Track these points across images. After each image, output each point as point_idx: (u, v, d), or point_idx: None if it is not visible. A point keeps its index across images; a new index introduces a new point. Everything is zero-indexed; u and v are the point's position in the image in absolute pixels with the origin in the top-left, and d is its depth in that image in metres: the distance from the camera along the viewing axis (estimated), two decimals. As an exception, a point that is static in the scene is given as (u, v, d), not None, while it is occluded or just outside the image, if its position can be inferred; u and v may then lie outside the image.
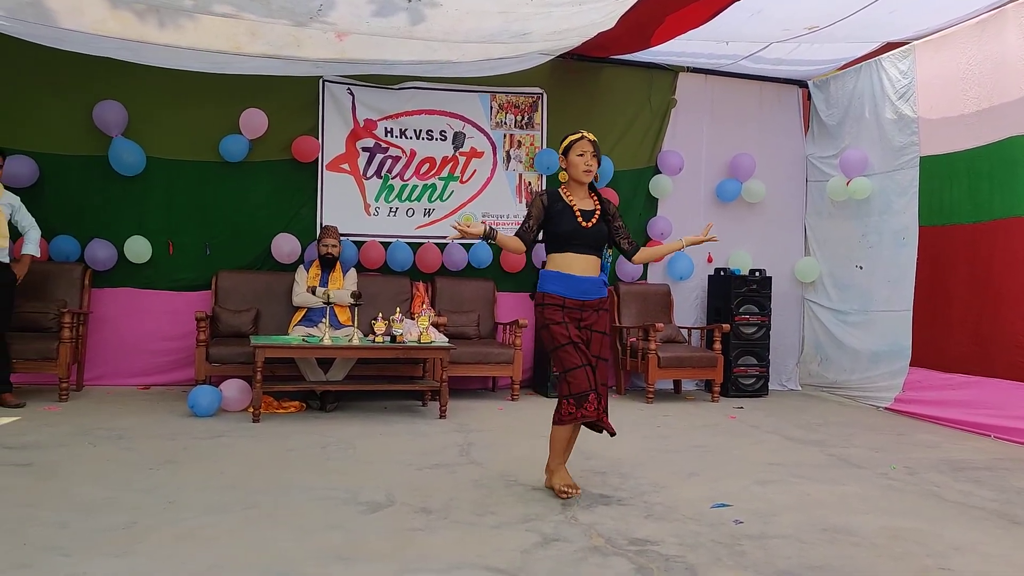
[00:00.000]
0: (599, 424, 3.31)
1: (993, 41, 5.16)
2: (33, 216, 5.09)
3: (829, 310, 6.77)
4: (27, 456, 3.71)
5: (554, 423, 3.32)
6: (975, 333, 5.32)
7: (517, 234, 3.36)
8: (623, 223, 3.48)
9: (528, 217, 3.36)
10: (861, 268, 6.47)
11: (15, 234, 5.04)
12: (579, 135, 3.35)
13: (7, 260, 4.89)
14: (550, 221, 3.32)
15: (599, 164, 3.37)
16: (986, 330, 5.22)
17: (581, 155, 3.31)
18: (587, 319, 3.31)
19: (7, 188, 5.03)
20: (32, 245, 5.05)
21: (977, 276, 5.34)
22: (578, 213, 3.30)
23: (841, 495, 3.50)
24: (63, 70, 5.57)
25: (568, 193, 3.36)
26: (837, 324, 6.66)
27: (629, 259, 3.51)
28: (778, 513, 3.19)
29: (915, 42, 5.81)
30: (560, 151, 3.40)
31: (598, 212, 3.35)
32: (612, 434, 3.37)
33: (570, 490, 3.27)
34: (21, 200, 5.06)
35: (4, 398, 4.83)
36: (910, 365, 5.82)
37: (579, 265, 3.29)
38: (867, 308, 6.37)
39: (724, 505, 3.28)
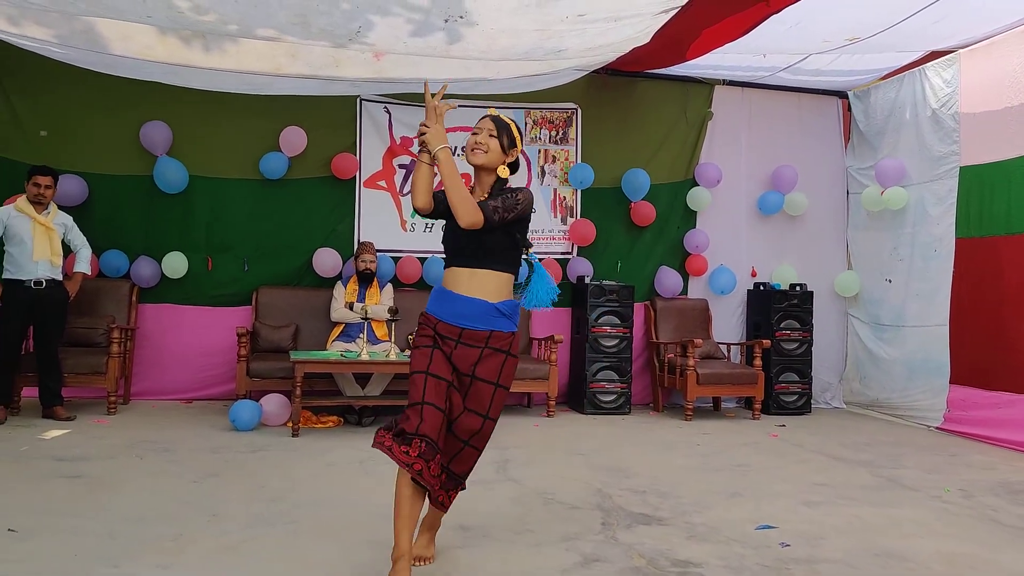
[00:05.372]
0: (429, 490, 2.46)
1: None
2: (84, 234, 5.25)
3: (867, 325, 6.63)
4: (77, 468, 3.82)
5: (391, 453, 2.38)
6: (1018, 350, 5.13)
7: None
8: (503, 201, 2.44)
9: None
10: (890, 281, 6.34)
11: (66, 252, 5.21)
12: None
13: (60, 278, 5.06)
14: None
15: (508, 145, 2.50)
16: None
17: (475, 132, 2.51)
18: (463, 357, 2.46)
19: (59, 208, 5.21)
20: (83, 263, 5.21)
21: (1020, 290, 5.16)
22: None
23: (893, 518, 3.40)
24: (112, 94, 5.76)
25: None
26: (873, 340, 6.52)
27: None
28: (827, 536, 3.10)
29: (960, 51, 5.69)
30: None
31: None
32: (442, 509, 2.67)
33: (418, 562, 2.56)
34: (73, 219, 5.24)
35: (56, 411, 4.97)
36: (950, 383, 5.63)
37: (464, 282, 2.48)
38: (899, 323, 6.22)
39: (769, 527, 3.21)
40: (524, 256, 2.62)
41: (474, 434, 2.51)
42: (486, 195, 2.53)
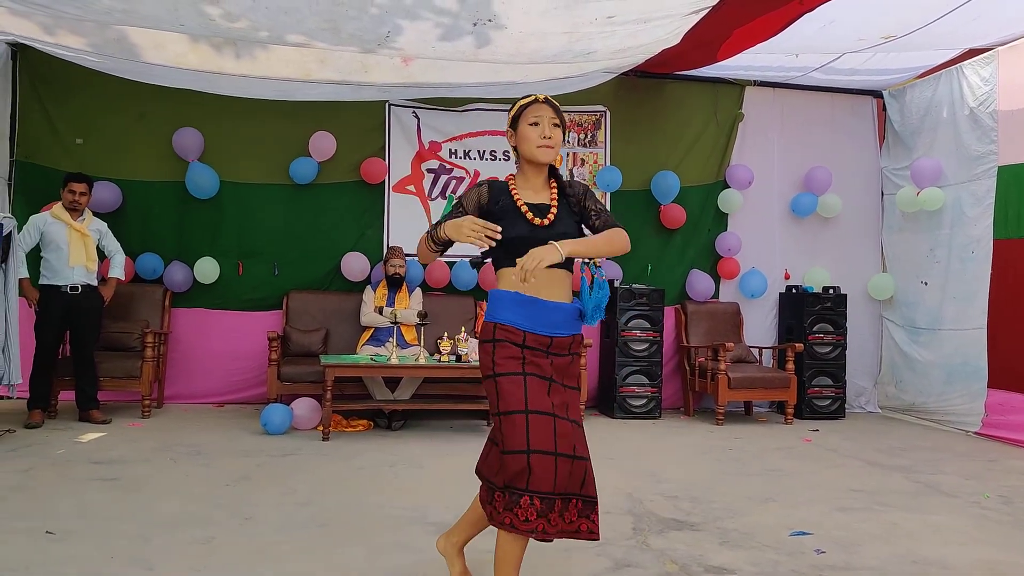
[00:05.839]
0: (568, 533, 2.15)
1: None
2: (117, 240, 5.32)
3: (902, 328, 6.50)
4: (113, 471, 3.87)
5: (493, 522, 2.15)
6: None
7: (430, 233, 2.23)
8: (598, 205, 2.35)
9: (454, 212, 2.25)
10: (926, 284, 6.21)
11: (101, 258, 5.28)
12: (531, 97, 2.30)
13: (95, 283, 5.15)
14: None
15: (565, 136, 2.33)
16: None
17: (535, 124, 2.25)
18: (558, 368, 2.23)
19: (94, 214, 5.30)
20: (118, 269, 5.29)
21: None
22: (524, 207, 2.24)
23: (931, 525, 3.32)
24: (145, 101, 5.85)
25: (514, 186, 2.30)
26: (909, 343, 6.39)
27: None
28: (863, 543, 3.04)
29: (999, 48, 5.54)
30: (508, 123, 2.34)
31: (555, 205, 2.28)
32: (594, 537, 2.19)
33: None
34: (107, 225, 5.31)
35: (92, 415, 5.05)
36: (988, 387, 5.49)
37: (549, 285, 2.20)
38: (935, 326, 6.09)
39: (804, 533, 3.15)
40: (588, 262, 2.32)
41: (580, 445, 2.17)
42: (545, 187, 2.31)
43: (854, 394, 6.61)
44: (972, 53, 5.75)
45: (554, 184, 2.33)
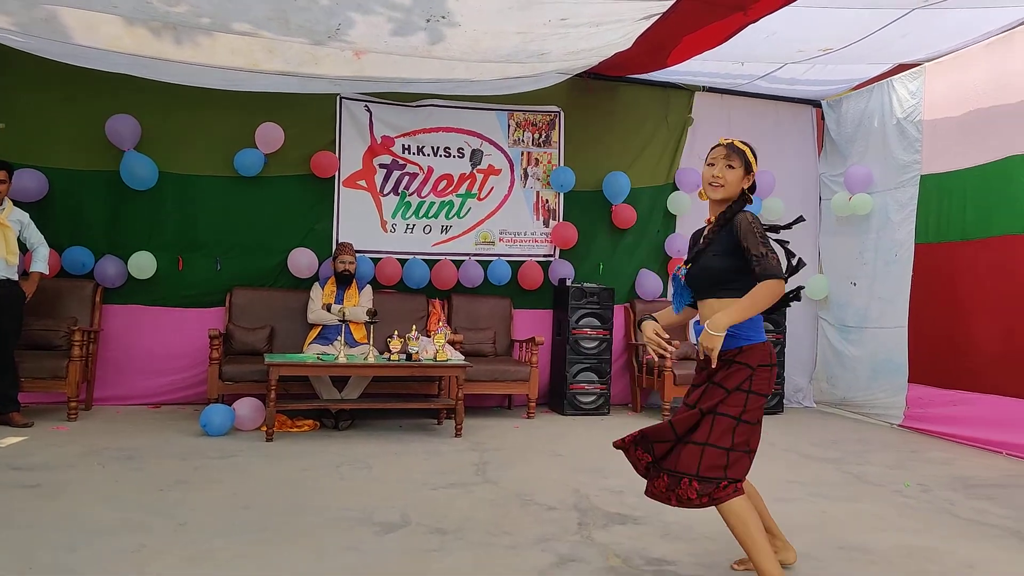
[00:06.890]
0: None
1: (1001, 63, 5.18)
2: (42, 232, 5.02)
3: (834, 327, 6.79)
4: (35, 477, 3.64)
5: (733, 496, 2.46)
6: (975, 350, 5.28)
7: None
8: (757, 248, 2.47)
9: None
10: (855, 285, 6.50)
11: (23, 250, 4.97)
12: (719, 141, 2.69)
13: (15, 277, 4.83)
14: None
15: (746, 174, 2.63)
16: (987, 347, 5.19)
17: (711, 164, 2.64)
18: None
19: (16, 204, 4.99)
20: (41, 262, 4.99)
21: (975, 293, 5.32)
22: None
23: (857, 513, 3.51)
24: (76, 85, 5.54)
25: (709, 221, 2.71)
26: (839, 341, 6.69)
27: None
28: (795, 532, 3.14)
29: (926, 63, 5.83)
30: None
31: (705, 240, 2.62)
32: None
33: None
34: (30, 216, 5.01)
35: (12, 417, 4.75)
36: (908, 382, 5.80)
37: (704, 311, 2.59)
38: (862, 325, 6.41)
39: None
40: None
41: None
42: (712, 219, 2.64)
43: (792, 390, 6.83)
44: (902, 68, 6.05)
45: (710, 219, 2.64)
